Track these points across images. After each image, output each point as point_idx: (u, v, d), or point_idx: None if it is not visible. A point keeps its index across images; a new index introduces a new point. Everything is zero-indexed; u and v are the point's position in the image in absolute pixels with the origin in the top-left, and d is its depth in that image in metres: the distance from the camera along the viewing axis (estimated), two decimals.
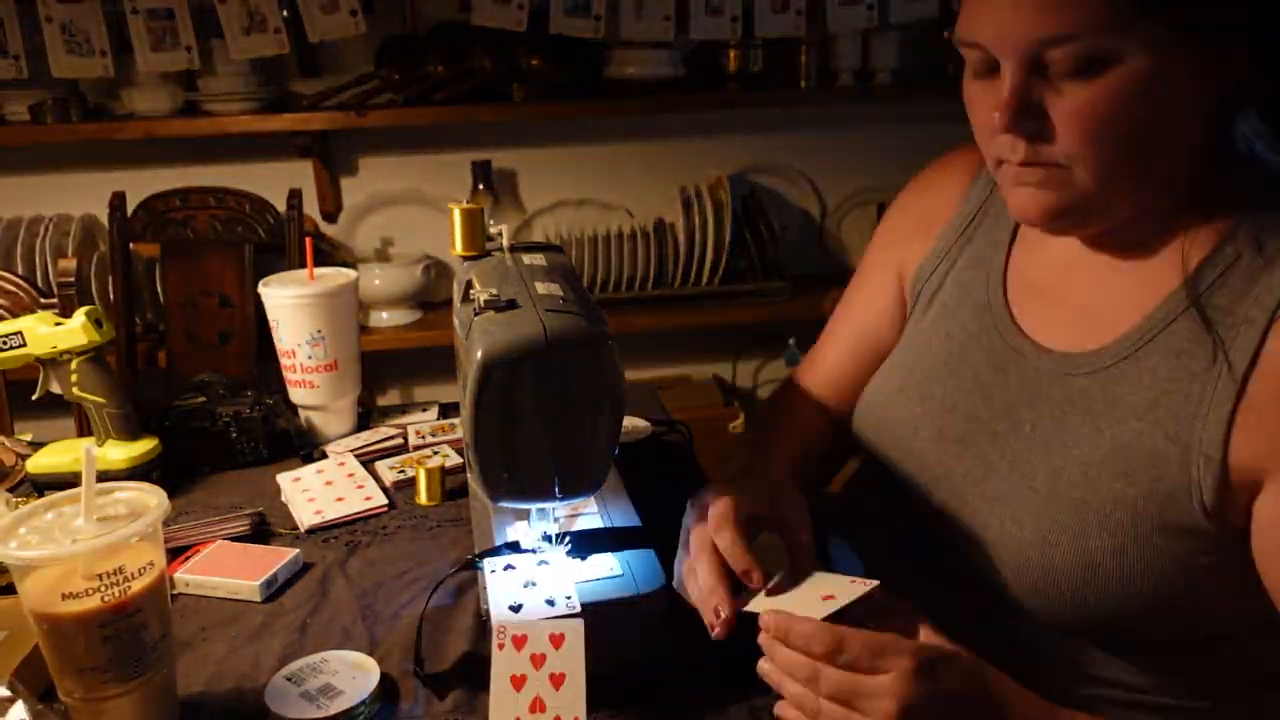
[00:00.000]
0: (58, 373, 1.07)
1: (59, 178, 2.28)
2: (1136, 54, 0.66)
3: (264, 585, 0.90)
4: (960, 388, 0.85)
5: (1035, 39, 0.67)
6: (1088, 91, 0.67)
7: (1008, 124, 0.70)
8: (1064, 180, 0.72)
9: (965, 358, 0.86)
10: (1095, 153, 0.69)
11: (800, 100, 2.37)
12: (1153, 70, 0.66)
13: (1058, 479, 0.75)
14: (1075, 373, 0.77)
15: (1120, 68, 0.66)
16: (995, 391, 0.83)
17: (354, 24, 2.05)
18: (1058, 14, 0.66)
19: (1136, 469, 0.72)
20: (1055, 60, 0.67)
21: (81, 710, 0.69)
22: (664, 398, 1.39)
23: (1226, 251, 0.71)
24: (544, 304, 0.73)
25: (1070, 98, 0.68)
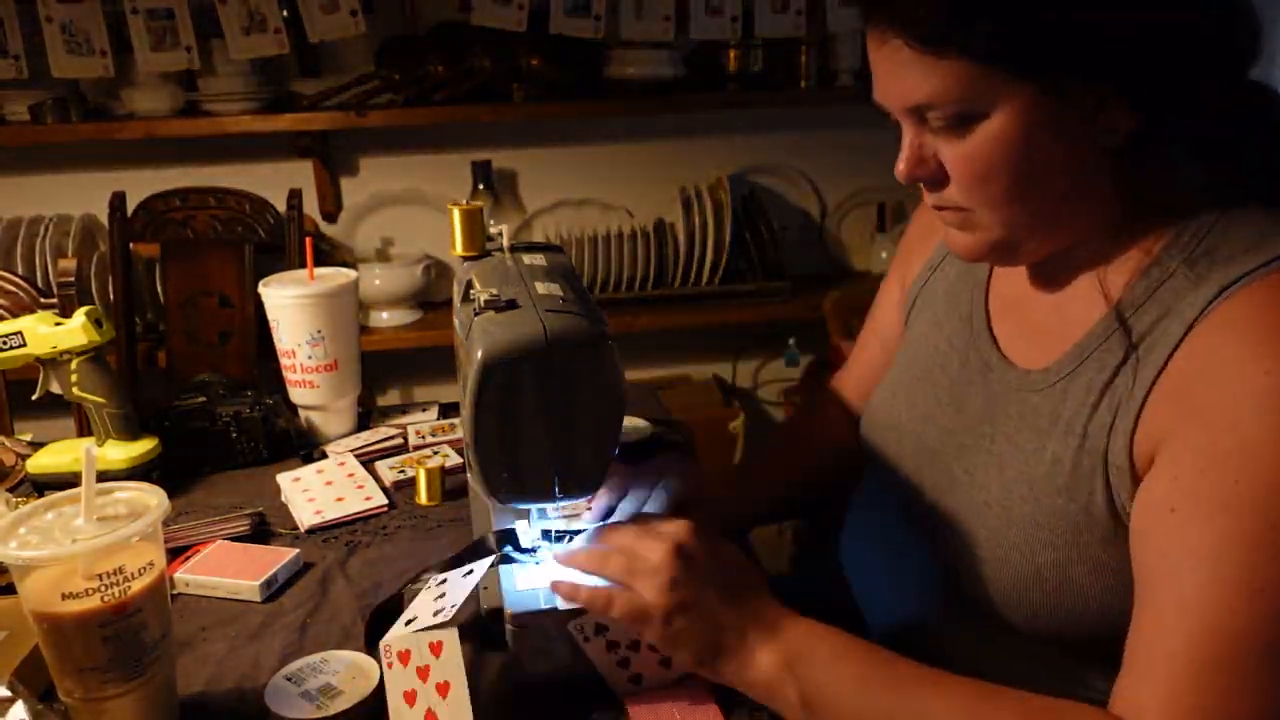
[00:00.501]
0: (58, 373, 1.07)
1: (59, 178, 2.28)
2: (1001, 114, 0.69)
3: (264, 585, 0.90)
4: (938, 398, 0.88)
5: (906, 104, 0.72)
6: (964, 146, 0.71)
7: (906, 175, 0.76)
8: (973, 222, 0.76)
9: (946, 368, 0.89)
10: (983, 198, 0.73)
11: (800, 100, 2.37)
12: (1021, 127, 0.69)
13: (1008, 494, 0.78)
14: (1030, 389, 0.80)
15: (989, 123, 0.70)
16: (966, 404, 0.86)
17: (354, 24, 2.05)
18: (918, 82, 0.70)
19: (1073, 484, 0.73)
20: (932, 119, 0.72)
21: (81, 710, 0.69)
22: (664, 398, 1.39)
23: (1159, 269, 0.73)
24: (544, 304, 0.73)
25: (949, 151, 0.73)
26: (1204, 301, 0.68)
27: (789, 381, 2.58)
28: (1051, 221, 0.75)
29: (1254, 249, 0.68)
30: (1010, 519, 0.77)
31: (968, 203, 0.75)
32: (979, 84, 0.68)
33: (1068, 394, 0.76)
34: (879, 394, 0.97)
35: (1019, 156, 0.70)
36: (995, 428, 0.81)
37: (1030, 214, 0.74)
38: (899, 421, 0.92)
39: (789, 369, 2.55)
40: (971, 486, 0.81)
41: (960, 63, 0.68)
